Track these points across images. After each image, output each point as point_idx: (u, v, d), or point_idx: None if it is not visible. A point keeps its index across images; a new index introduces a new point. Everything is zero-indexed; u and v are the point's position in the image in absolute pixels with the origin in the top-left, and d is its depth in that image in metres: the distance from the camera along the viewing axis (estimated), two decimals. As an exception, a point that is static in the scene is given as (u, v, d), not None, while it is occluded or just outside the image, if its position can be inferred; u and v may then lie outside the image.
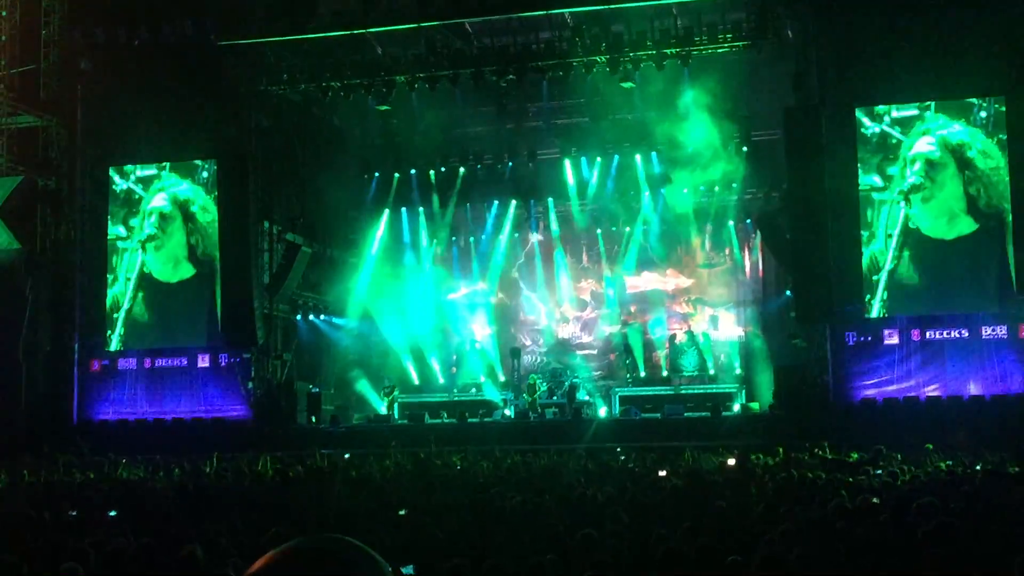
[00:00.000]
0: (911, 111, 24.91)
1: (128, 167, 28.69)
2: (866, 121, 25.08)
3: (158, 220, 28.31)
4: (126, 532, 8.98)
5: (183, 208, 28.27)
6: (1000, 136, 24.26)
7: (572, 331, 33.16)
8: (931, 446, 18.23)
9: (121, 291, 28.33)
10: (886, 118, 25.00)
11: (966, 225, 24.28)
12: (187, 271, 28.10)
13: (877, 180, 24.87)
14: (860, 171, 24.86)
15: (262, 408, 27.10)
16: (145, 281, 28.20)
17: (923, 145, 24.60)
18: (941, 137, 24.49)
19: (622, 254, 32.38)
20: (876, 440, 18.78)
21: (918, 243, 24.46)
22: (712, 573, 6.84)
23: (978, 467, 15.81)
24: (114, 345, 28.24)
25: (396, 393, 29.33)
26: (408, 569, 6.41)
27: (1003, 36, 23.90)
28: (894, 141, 24.89)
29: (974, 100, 24.62)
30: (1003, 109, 24.27)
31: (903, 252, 24.49)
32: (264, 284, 28.03)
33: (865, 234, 24.76)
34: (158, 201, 28.37)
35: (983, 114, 24.54)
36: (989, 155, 24.33)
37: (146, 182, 28.64)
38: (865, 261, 24.68)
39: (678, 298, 32.28)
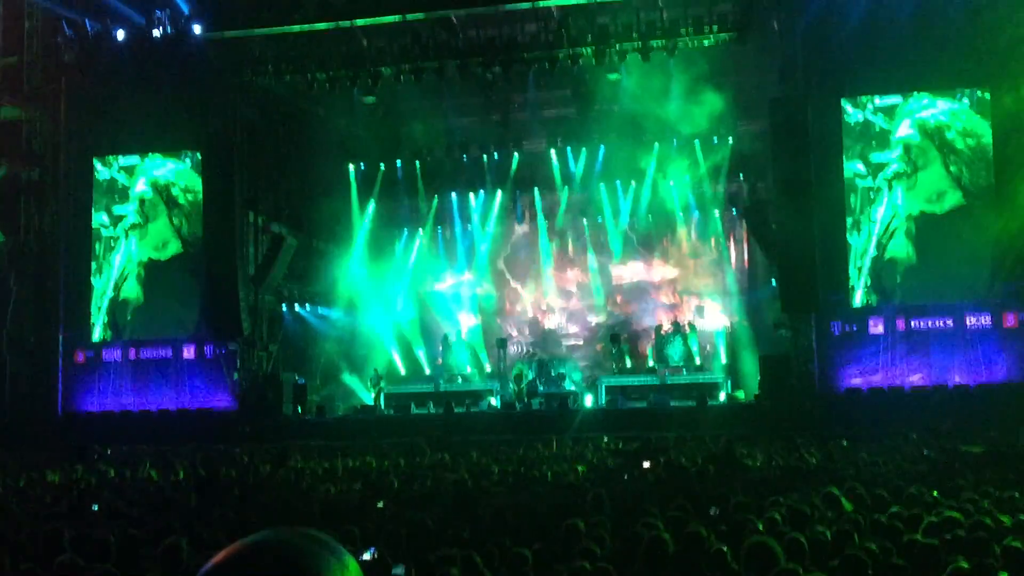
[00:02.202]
0: (895, 99, 25.04)
1: (111, 156, 28.72)
2: (849, 109, 25.24)
3: (139, 207, 28.51)
4: (126, 525, 8.92)
5: (164, 192, 28.52)
6: (983, 119, 24.46)
7: (558, 321, 33.18)
8: (914, 435, 18.38)
9: (107, 279, 28.31)
10: (869, 105, 25.16)
11: (956, 199, 24.55)
12: (176, 248, 28.41)
13: (860, 167, 25.05)
14: (844, 159, 24.99)
15: (248, 399, 27.04)
16: (136, 264, 28.37)
17: (903, 129, 24.83)
18: (920, 120, 24.74)
19: (608, 244, 32.43)
20: (864, 429, 18.87)
21: (913, 221, 24.66)
22: (697, 563, 6.86)
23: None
24: (99, 334, 28.16)
25: (383, 384, 29.27)
26: (398, 569, 6.39)
27: (987, 29, 24.00)
28: (877, 129, 25.06)
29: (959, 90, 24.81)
30: (987, 97, 24.40)
31: (898, 230, 24.70)
32: (249, 275, 27.96)
33: (849, 220, 24.89)
34: (139, 187, 28.59)
35: (966, 101, 24.71)
36: (970, 133, 24.48)
37: (129, 170, 28.72)
38: (850, 249, 24.81)
39: (664, 288, 32.35)
